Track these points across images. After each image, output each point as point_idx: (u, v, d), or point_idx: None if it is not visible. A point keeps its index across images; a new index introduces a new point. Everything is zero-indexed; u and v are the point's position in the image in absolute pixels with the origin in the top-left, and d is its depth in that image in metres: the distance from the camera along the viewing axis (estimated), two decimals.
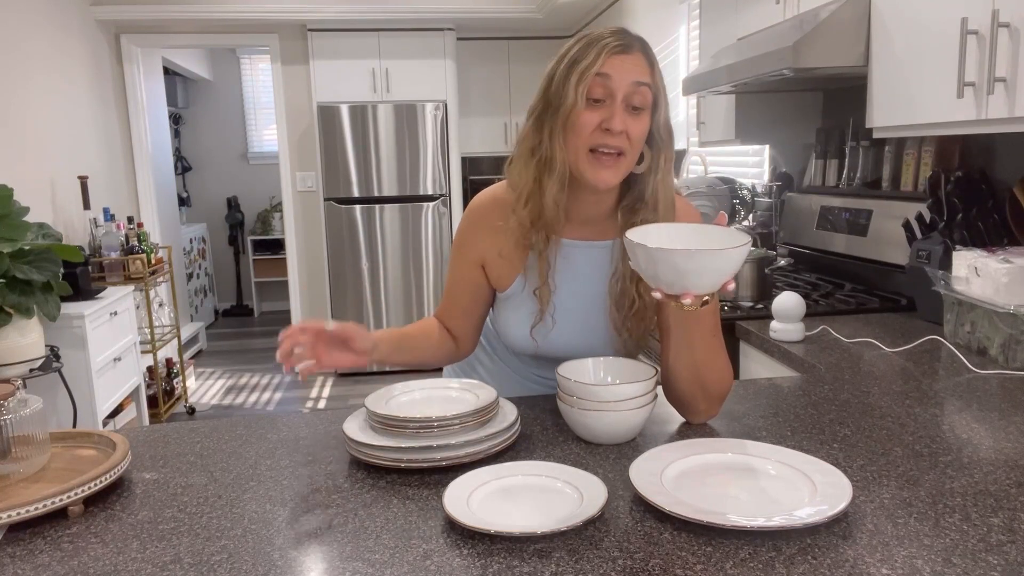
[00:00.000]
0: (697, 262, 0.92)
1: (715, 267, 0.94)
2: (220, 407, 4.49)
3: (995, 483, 0.94)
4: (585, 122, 1.12)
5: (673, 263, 0.93)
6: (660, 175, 1.19)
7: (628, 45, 1.12)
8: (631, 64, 1.12)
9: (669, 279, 0.95)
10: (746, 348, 1.95)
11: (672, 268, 0.93)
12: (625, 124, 1.11)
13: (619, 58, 1.11)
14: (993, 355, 1.51)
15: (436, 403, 1.12)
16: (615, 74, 1.11)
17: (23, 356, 2.58)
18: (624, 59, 1.12)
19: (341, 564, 0.79)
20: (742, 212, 2.98)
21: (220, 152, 6.97)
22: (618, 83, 1.11)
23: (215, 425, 1.23)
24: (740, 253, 0.94)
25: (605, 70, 1.11)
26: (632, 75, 1.11)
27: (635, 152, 1.15)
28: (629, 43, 1.13)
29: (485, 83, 5.15)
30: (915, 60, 1.66)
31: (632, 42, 1.13)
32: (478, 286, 1.30)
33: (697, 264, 0.93)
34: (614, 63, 1.11)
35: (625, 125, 1.11)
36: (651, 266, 0.95)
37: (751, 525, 0.80)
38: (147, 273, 3.78)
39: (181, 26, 4.70)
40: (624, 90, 1.11)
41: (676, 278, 0.94)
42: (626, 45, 1.12)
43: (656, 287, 0.98)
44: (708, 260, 0.93)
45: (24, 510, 0.87)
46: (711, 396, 1.15)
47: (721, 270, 0.94)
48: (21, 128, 3.44)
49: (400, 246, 4.91)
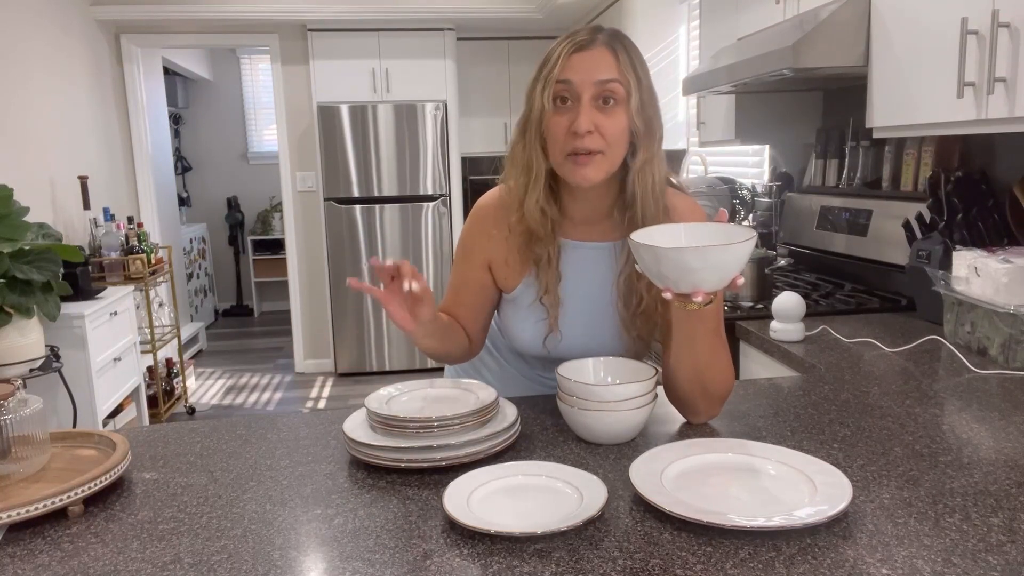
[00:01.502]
0: (708, 259, 0.92)
1: (725, 263, 0.93)
2: (220, 407, 4.49)
3: (995, 483, 0.94)
4: (556, 128, 1.13)
5: (684, 262, 0.93)
6: (638, 165, 1.16)
7: (588, 41, 1.11)
8: (592, 62, 1.10)
9: (678, 278, 0.95)
10: (746, 348, 1.95)
11: (682, 267, 0.93)
12: (594, 123, 1.10)
13: (578, 56, 1.10)
14: (993, 355, 1.51)
15: (436, 403, 1.12)
16: (575, 77, 1.10)
17: (23, 356, 2.58)
18: (584, 57, 1.10)
19: (341, 564, 0.79)
20: (742, 212, 2.98)
21: (220, 152, 6.97)
22: (581, 85, 1.10)
23: (215, 425, 1.23)
24: (748, 247, 0.94)
25: (566, 75, 1.10)
26: (594, 73, 1.10)
27: (616, 147, 1.13)
28: (590, 39, 1.11)
29: (485, 83, 5.15)
30: (915, 60, 1.66)
31: (593, 37, 1.11)
32: (485, 287, 1.29)
33: (708, 261, 0.92)
34: (574, 64, 1.10)
35: (593, 124, 1.10)
36: (659, 266, 0.95)
37: (751, 525, 0.80)
38: (147, 273, 3.78)
39: (181, 26, 4.70)
40: (589, 91, 1.10)
41: (686, 276, 0.94)
42: (585, 41, 1.11)
43: (665, 287, 0.97)
44: (719, 256, 0.93)
45: (24, 510, 0.87)
46: (712, 396, 1.14)
47: (731, 265, 0.94)
48: (21, 128, 3.44)
49: (400, 246, 4.91)
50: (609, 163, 1.14)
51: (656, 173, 1.17)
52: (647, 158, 1.16)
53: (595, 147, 1.11)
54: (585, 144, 1.11)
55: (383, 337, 4.97)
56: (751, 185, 3.04)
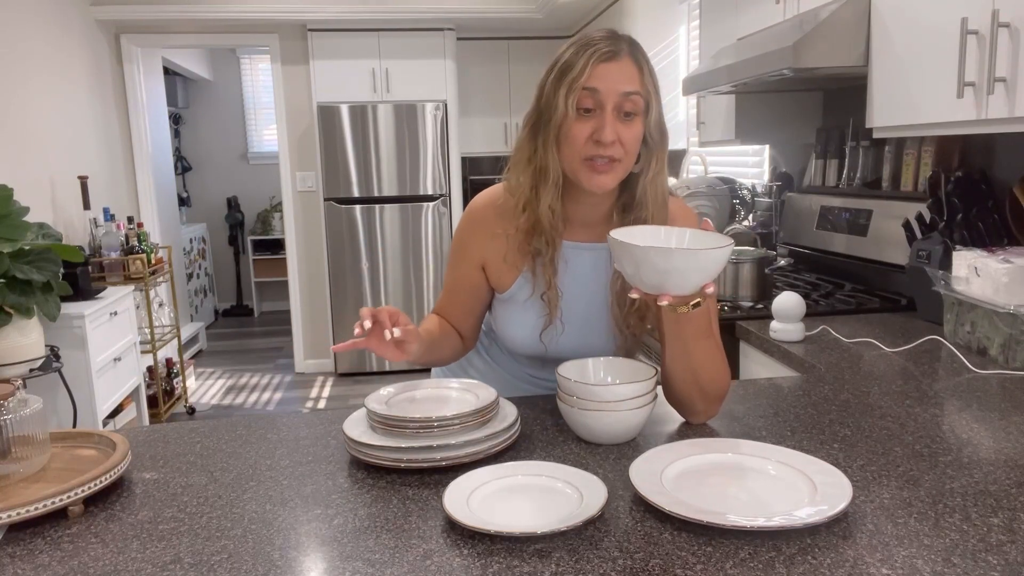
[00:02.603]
0: (674, 262, 0.93)
1: (692, 268, 0.94)
2: (220, 407, 4.49)
3: (995, 483, 0.94)
4: (577, 134, 1.13)
5: (651, 262, 0.94)
6: (651, 175, 1.19)
7: (616, 51, 1.12)
8: (618, 73, 1.11)
9: (648, 279, 0.96)
10: (746, 348, 1.95)
11: (651, 267, 0.94)
12: (616, 133, 1.11)
13: (606, 67, 1.11)
14: (993, 355, 1.51)
15: (436, 403, 1.12)
16: (603, 86, 1.11)
17: (23, 356, 2.58)
18: (611, 67, 1.11)
19: (341, 564, 0.79)
20: (742, 212, 2.98)
21: (220, 152, 6.97)
22: (606, 95, 1.11)
23: (215, 425, 1.23)
24: (717, 255, 0.95)
25: (592, 83, 1.11)
26: (620, 85, 1.11)
27: (631, 155, 1.16)
28: (617, 49, 1.12)
29: (485, 83, 5.15)
30: (915, 60, 1.66)
31: (620, 47, 1.12)
32: (478, 287, 1.30)
33: (674, 264, 0.93)
34: (601, 73, 1.11)
35: (616, 134, 1.11)
36: (632, 265, 0.96)
37: (751, 525, 0.80)
38: (147, 273, 3.78)
39: (181, 26, 4.70)
40: (613, 101, 1.11)
41: (655, 278, 0.95)
42: (614, 52, 1.12)
43: (635, 286, 0.99)
44: (685, 260, 0.93)
45: (24, 510, 0.87)
46: (708, 397, 1.15)
47: (698, 271, 0.95)
48: (21, 128, 3.44)
49: (400, 246, 4.91)
50: (623, 171, 1.17)
51: (665, 181, 1.21)
52: (659, 168, 1.19)
53: (616, 155, 1.13)
54: (609, 153, 1.12)
55: None
56: (751, 185, 3.04)
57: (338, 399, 4.62)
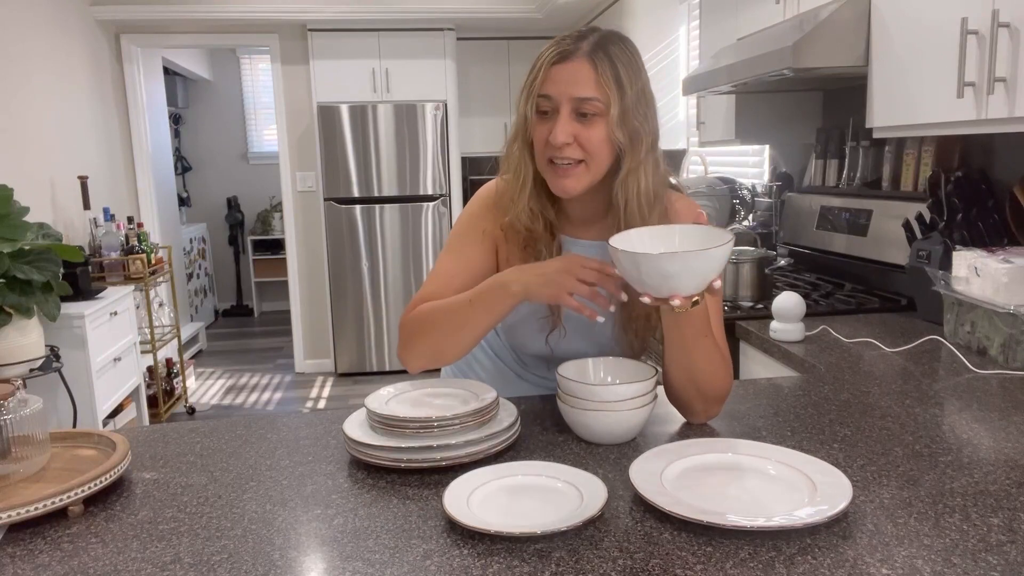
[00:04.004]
0: (680, 264, 0.93)
1: (699, 267, 0.94)
2: (220, 407, 4.49)
3: (995, 483, 0.94)
4: (538, 136, 1.14)
5: (657, 267, 0.93)
6: (623, 175, 1.14)
7: (568, 52, 1.10)
8: (570, 75, 1.09)
9: (655, 283, 0.96)
10: (746, 348, 1.95)
11: (657, 272, 0.94)
12: (572, 134, 1.10)
13: (558, 69, 1.10)
14: (993, 355, 1.51)
15: (436, 403, 1.12)
16: (554, 91, 1.10)
17: (23, 356, 2.58)
18: (563, 69, 1.10)
19: (341, 564, 0.79)
20: (742, 212, 2.98)
21: (220, 152, 6.97)
22: (559, 98, 1.10)
23: (215, 425, 1.23)
24: (723, 252, 0.95)
25: (545, 88, 1.11)
26: (571, 89, 1.09)
27: (597, 156, 1.12)
28: (572, 49, 1.10)
29: (485, 83, 5.15)
30: (915, 60, 1.66)
31: (577, 48, 1.10)
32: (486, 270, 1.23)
33: (681, 266, 0.93)
34: (554, 76, 1.10)
35: (572, 135, 1.10)
36: (636, 271, 0.96)
37: (751, 525, 0.80)
38: (147, 273, 3.78)
39: (181, 26, 4.70)
40: (567, 104, 1.10)
41: (662, 281, 0.95)
42: (566, 52, 1.10)
43: (643, 292, 0.98)
44: (691, 261, 0.93)
45: (24, 510, 0.87)
46: (708, 397, 1.14)
47: (706, 270, 0.95)
48: (21, 128, 3.44)
49: (400, 246, 4.91)
50: (592, 173, 1.14)
51: (642, 181, 1.14)
52: (631, 167, 1.14)
53: (575, 156, 1.12)
54: (564, 154, 1.11)
55: (383, 337, 4.98)
56: (751, 185, 3.04)
57: (338, 399, 4.62)
